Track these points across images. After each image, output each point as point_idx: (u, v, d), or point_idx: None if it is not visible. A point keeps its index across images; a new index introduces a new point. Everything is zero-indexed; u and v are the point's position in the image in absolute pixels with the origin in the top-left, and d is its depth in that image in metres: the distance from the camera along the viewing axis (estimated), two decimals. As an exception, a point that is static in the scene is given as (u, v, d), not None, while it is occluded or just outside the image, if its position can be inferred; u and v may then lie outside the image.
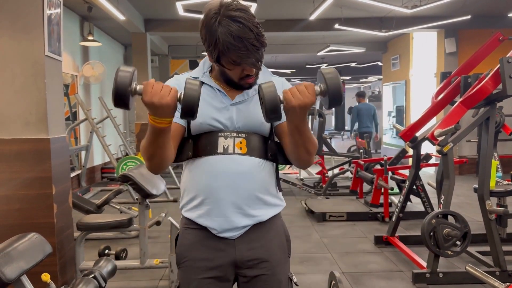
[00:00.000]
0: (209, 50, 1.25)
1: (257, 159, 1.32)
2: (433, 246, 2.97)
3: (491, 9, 7.54)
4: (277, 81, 1.38)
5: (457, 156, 7.53)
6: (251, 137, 1.33)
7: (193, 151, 1.34)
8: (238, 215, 1.30)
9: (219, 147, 1.30)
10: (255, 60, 1.23)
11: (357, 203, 5.46)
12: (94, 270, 1.95)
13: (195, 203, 1.34)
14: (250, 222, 1.32)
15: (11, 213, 2.60)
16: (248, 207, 1.31)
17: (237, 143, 1.31)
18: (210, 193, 1.30)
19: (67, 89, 7.02)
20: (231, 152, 1.30)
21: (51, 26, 2.70)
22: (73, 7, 6.86)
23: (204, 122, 1.31)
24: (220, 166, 1.30)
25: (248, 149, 1.31)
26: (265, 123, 1.33)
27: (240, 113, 1.33)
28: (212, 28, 1.20)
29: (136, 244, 3.88)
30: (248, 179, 1.30)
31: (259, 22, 1.23)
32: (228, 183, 1.29)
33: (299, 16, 7.87)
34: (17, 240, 1.71)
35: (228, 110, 1.33)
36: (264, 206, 1.34)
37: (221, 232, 1.32)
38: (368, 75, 17.58)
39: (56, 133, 2.73)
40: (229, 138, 1.31)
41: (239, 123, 1.33)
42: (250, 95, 1.35)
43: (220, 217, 1.30)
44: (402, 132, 3.80)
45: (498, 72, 3.01)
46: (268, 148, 1.36)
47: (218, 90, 1.35)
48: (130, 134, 9.64)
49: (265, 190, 1.34)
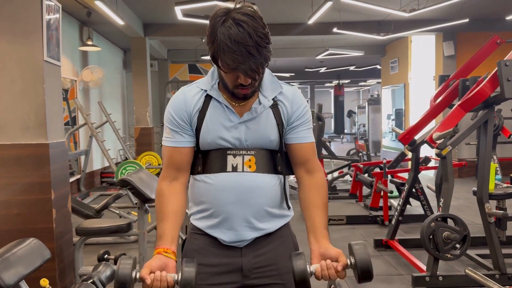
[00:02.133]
0: (208, 46, 1.24)
1: (266, 176, 1.33)
2: (433, 249, 2.97)
3: (489, 12, 7.56)
4: (288, 92, 1.37)
5: (456, 159, 7.53)
6: (260, 154, 1.33)
7: (202, 166, 1.35)
8: (246, 229, 1.32)
9: (228, 165, 1.31)
10: (249, 69, 1.18)
11: (356, 207, 5.46)
12: (93, 275, 1.94)
13: (204, 214, 1.35)
14: (258, 235, 1.34)
15: (10, 218, 2.59)
16: (257, 221, 1.32)
17: (246, 161, 1.31)
18: (219, 207, 1.31)
19: (66, 93, 7.03)
20: (240, 171, 1.31)
21: (50, 31, 2.70)
22: (72, 12, 6.88)
23: (213, 141, 1.31)
24: (230, 183, 1.30)
25: (257, 166, 1.32)
26: (274, 140, 1.33)
27: (248, 131, 1.32)
28: (216, 26, 1.18)
29: (135, 248, 3.87)
30: (257, 194, 1.31)
31: (267, 33, 1.19)
32: (238, 198, 1.30)
33: (297, 20, 7.88)
34: (16, 246, 1.70)
35: (237, 128, 1.32)
36: (272, 219, 1.35)
37: (228, 242, 1.33)
38: (367, 78, 17.61)
39: (55, 138, 2.73)
40: (238, 156, 1.31)
41: (247, 141, 1.32)
42: (258, 112, 1.32)
43: (229, 230, 1.32)
44: (401, 135, 3.81)
45: (496, 75, 3.02)
46: (277, 162, 1.36)
47: (226, 107, 1.32)
48: (130, 138, 9.63)
49: (274, 204, 1.35)
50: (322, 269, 1.21)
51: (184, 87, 1.39)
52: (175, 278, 1.19)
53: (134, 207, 5.29)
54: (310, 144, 1.38)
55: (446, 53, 8.20)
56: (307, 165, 1.38)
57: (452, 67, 7.90)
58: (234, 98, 1.32)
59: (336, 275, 1.21)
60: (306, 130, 1.37)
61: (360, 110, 18.77)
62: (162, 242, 1.27)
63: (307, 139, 1.37)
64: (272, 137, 1.32)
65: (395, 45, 10.41)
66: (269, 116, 1.33)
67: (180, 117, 1.33)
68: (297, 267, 1.19)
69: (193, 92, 1.35)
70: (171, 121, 1.33)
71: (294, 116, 1.35)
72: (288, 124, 1.35)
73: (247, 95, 1.30)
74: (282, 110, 1.34)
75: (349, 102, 21.59)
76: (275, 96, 1.35)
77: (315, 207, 1.35)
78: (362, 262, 1.17)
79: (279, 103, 1.35)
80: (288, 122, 1.35)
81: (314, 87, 21.25)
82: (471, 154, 7.82)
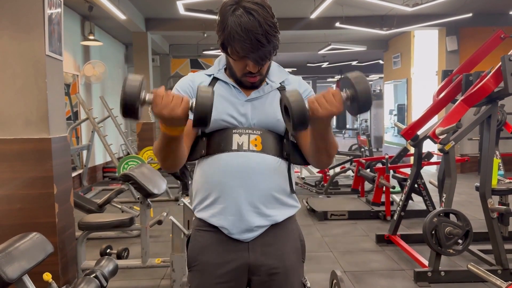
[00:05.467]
0: (218, 34, 1.24)
1: (272, 157, 1.28)
2: (435, 244, 2.97)
3: (492, 7, 7.52)
4: (293, 80, 1.39)
5: (459, 154, 7.52)
6: (267, 135, 1.29)
7: (206, 149, 1.30)
8: (253, 214, 1.26)
9: (233, 143, 1.27)
10: (258, 57, 1.20)
11: (358, 202, 5.46)
12: (95, 270, 1.94)
13: (207, 202, 1.30)
14: (265, 223, 1.28)
15: (12, 212, 2.60)
16: (264, 206, 1.27)
17: (252, 140, 1.27)
18: (223, 191, 1.26)
19: (68, 88, 7.02)
20: (245, 149, 1.26)
21: (52, 26, 2.70)
22: (74, 6, 6.86)
23: (219, 118, 1.27)
24: (235, 164, 1.25)
25: (263, 146, 1.28)
26: (281, 120, 1.26)
27: (255, 110, 1.30)
28: (226, 14, 1.19)
29: (137, 243, 3.88)
30: (264, 177, 1.26)
31: (275, 22, 1.21)
32: (243, 181, 1.25)
33: (300, 14, 7.85)
34: (18, 240, 1.70)
35: (243, 106, 1.30)
36: (279, 206, 1.30)
37: (234, 234, 1.27)
38: (370, 73, 17.54)
39: (57, 133, 2.73)
40: (243, 134, 1.28)
41: (254, 120, 1.30)
42: (265, 92, 1.32)
43: (234, 215, 1.26)
44: (404, 131, 3.79)
45: (499, 70, 3.00)
46: (284, 147, 1.32)
47: (233, 86, 1.32)
48: (132, 133, 9.64)
49: (281, 190, 1.30)
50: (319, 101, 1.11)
51: (192, 74, 1.40)
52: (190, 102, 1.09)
53: (136, 202, 5.31)
54: None
55: (449, 48, 8.16)
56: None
57: (455, 62, 7.87)
58: (241, 87, 1.33)
59: (335, 104, 1.11)
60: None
61: (362, 105, 18.70)
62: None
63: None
64: (279, 116, 1.26)
65: (398, 40, 10.37)
66: (276, 96, 1.32)
67: (184, 90, 1.33)
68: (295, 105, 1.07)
69: (200, 76, 1.37)
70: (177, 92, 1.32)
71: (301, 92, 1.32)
72: None
73: (255, 83, 1.30)
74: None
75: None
76: (282, 81, 1.37)
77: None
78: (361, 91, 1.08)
79: (286, 87, 1.36)
80: None
81: (316, 82, 21.19)
82: (473, 150, 7.80)
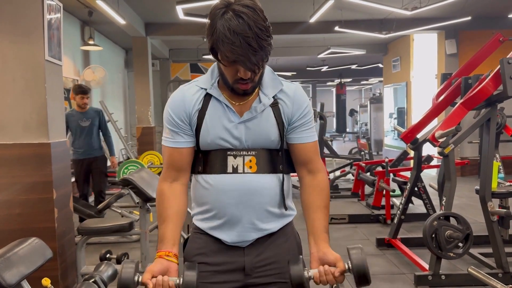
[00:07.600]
0: (208, 39, 1.21)
1: (267, 176, 1.31)
2: (435, 248, 2.96)
3: (491, 10, 7.53)
4: (289, 90, 1.34)
5: (459, 157, 7.51)
6: (261, 153, 1.31)
7: (203, 166, 1.33)
8: (250, 230, 1.31)
9: (228, 166, 1.29)
10: (249, 61, 1.15)
11: (358, 206, 5.45)
12: (95, 275, 1.94)
13: (207, 215, 1.34)
14: (262, 235, 1.33)
15: (12, 217, 2.60)
16: (260, 221, 1.31)
17: (247, 162, 1.30)
18: (222, 209, 1.30)
19: (68, 93, 7.02)
20: (240, 172, 1.29)
21: (51, 31, 2.70)
22: (73, 11, 6.88)
23: (213, 142, 1.29)
24: (231, 185, 1.29)
25: (258, 167, 1.30)
26: (274, 140, 1.31)
27: (249, 131, 1.30)
28: (215, 18, 1.16)
29: (137, 248, 3.87)
30: (259, 195, 1.30)
31: (268, 26, 1.16)
32: (240, 200, 1.29)
33: (299, 18, 7.87)
34: (17, 245, 1.70)
35: (237, 128, 1.29)
36: (276, 219, 1.34)
37: (232, 243, 1.33)
38: (369, 77, 17.57)
39: (56, 138, 2.73)
40: (238, 157, 1.30)
41: (248, 142, 1.30)
42: (258, 111, 1.30)
43: (233, 231, 1.31)
44: (403, 134, 3.79)
45: (498, 73, 3.00)
46: (278, 161, 1.34)
47: (226, 106, 1.29)
48: (132, 138, 9.63)
49: (276, 204, 1.33)
50: (321, 275, 1.22)
51: (183, 85, 1.36)
52: (176, 282, 1.19)
53: (136, 207, 5.30)
54: (312, 144, 1.36)
55: (448, 51, 8.18)
56: (309, 165, 1.36)
57: (454, 65, 7.88)
58: (234, 95, 1.30)
59: (334, 281, 1.21)
60: (308, 129, 1.35)
61: (362, 109, 18.75)
62: (164, 245, 1.26)
63: (309, 139, 1.35)
64: (272, 137, 1.30)
65: (397, 43, 10.39)
66: (270, 115, 1.31)
67: (179, 117, 1.30)
68: (294, 272, 1.20)
69: (192, 91, 1.32)
70: (170, 121, 1.31)
71: (296, 115, 1.33)
72: (290, 124, 1.33)
73: (247, 90, 1.27)
74: (282, 109, 1.31)
75: (351, 101, 21.56)
76: (276, 94, 1.32)
77: (315, 209, 1.33)
78: (358, 267, 1.20)
79: (279, 102, 1.32)
80: (290, 122, 1.32)
81: (316, 86, 21.22)
82: (473, 153, 7.79)
